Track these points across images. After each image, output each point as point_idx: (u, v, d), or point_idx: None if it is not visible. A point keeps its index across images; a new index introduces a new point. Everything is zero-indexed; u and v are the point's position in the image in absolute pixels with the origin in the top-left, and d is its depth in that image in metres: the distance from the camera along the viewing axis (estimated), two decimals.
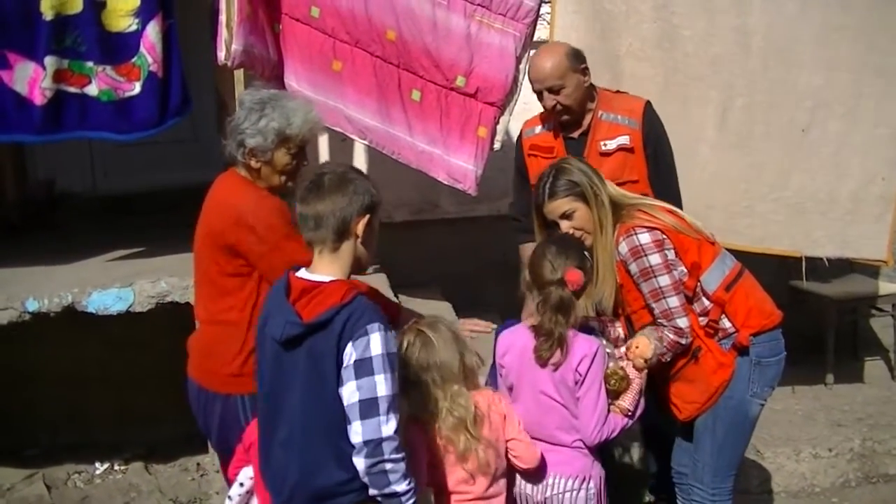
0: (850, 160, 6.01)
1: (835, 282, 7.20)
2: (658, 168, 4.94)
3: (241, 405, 4.14)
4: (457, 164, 5.60)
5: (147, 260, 5.94)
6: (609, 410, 3.94)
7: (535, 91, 4.94)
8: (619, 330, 4.33)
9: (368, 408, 3.19)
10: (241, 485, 3.99)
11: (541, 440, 3.96)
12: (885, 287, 7.27)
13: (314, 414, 3.31)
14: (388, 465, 3.21)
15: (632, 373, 4.01)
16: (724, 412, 4.26)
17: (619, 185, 4.53)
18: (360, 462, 3.22)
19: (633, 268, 4.13)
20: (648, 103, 4.99)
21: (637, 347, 4.03)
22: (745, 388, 4.24)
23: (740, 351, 4.21)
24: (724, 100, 5.70)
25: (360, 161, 6.96)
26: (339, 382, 3.24)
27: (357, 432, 3.20)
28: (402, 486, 3.25)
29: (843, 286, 7.20)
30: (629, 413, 3.99)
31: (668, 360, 4.18)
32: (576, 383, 3.88)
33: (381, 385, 3.20)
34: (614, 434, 3.95)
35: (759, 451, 5.99)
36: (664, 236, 4.13)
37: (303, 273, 3.43)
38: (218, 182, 4.30)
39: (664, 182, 4.91)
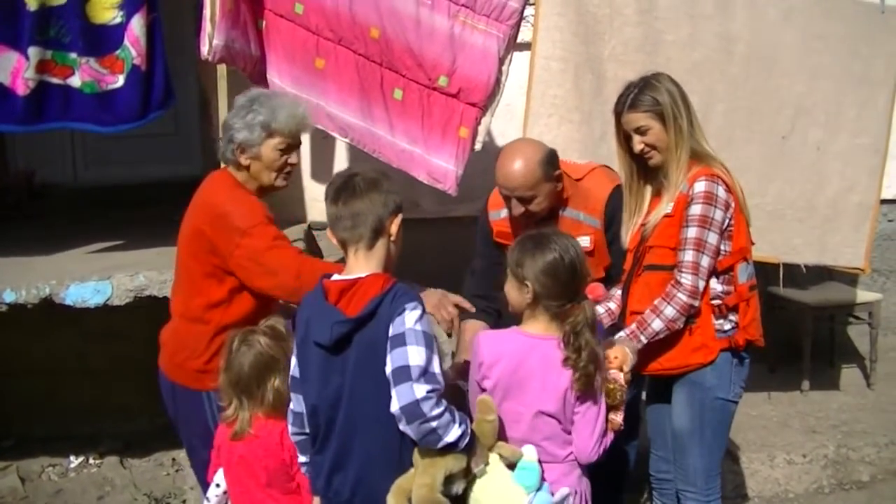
0: (829, 168, 6.04)
1: (812, 289, 7.23)
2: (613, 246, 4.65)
3: (205, 400, 4.20)
4: (437, 164, 5.60)
5: (126, 253, 5.92)
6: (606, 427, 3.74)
7: (500, 193, 4.63)
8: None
9: (399, 375, 3.21)
10: (218, 485, 4.00)
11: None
12: (861, 295, 7.31)
13: (372, 407, 3.32)
14: (434, 423, 3.20)
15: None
16: (710, 414, 4.26)
17: None
18: (407, 430, 3.23)
19: (696, 209, 4.08)
20: (614, 192, 4.64)
21: (616, 358, 3.89)
22: (728, 389, 4.25)
23: (730, 348, 4.21)
24: (706, 105, 5.70)
25: (341, 158, 6.98)
26: None
27: (394, 401, 3.21)
28: (453, 435, 3.26)
29: (820, 293, 7.23)
30: (620, 428, 3.79)
31: (680, 326, 4.14)
32: (577, 398, 3.64)
33: (414, 355, 3.22)
34: (604, 451, 3.73)
35: (734, 456, 6.02)
36: (733, 205, 4.14)
37: (337, 277, 3.47)
38: (207, 180, 4.34)
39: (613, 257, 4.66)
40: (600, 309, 4.45)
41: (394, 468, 3.36)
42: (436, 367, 3.28)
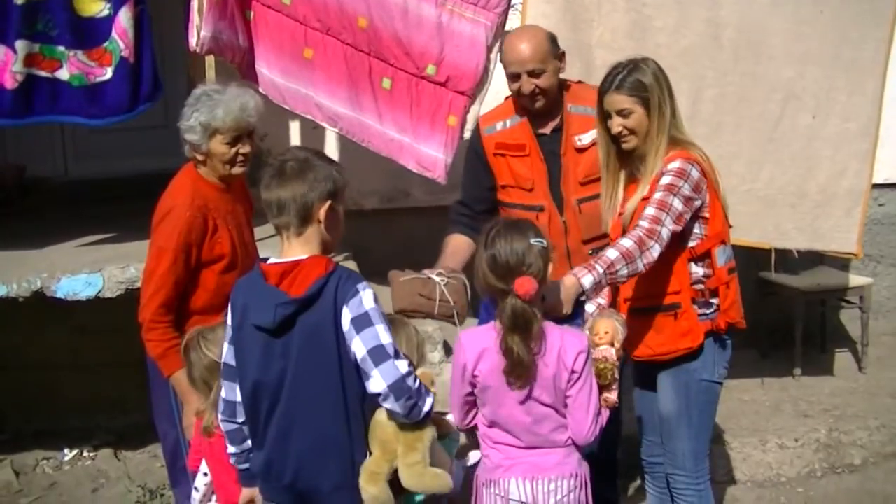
0: (820, 153, 6.04)
1: (804, 274, 7.25)
2: None
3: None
4: (426, 153, 5.61)
5: (117, 246, 5.92)
6: (600, 406, 3.71)
7: (510, 74, 4.69)
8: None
9: (378, 354, 3.29)
10: (206, 475, 4.00)
11: (536, 447, 3.67)
12: (853, 280, 7.32)
13: (317, 390, 3.37)
14: (416, 397, 3.34)
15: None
16: (695, 396, 4.28)
17: (594, 181, 4.53)
18: (395, 407, 3.30)
19: (665, 179, 4.08)
20: None
21: (607, 333, 3.81)
22: (713, 371, 4.28)
23: (712, 332, 4.22)
24: (695, 91, 5.71)
25: (330, 148, 6.96)
26: (339, 350, 3.34)
27: (378, 380, 3.28)
28: (428, 404, 3.41)
29: (812, 278, 7.24)
30: (615, 405, 3.78)
31: (639, 266, 3.97)
32: (567, 381, 3.59)
33: (384, 334, 3.32)
34: (601, 430, 3.70)
35: (725, 440, 6.03)
36: (705, 187, 4.15)
37: (274, 260, 3.45)
38: (177, 174, 4.48)
39: None
40: (591, 307, 4.41)
41: (338, 452, 3.41)
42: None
